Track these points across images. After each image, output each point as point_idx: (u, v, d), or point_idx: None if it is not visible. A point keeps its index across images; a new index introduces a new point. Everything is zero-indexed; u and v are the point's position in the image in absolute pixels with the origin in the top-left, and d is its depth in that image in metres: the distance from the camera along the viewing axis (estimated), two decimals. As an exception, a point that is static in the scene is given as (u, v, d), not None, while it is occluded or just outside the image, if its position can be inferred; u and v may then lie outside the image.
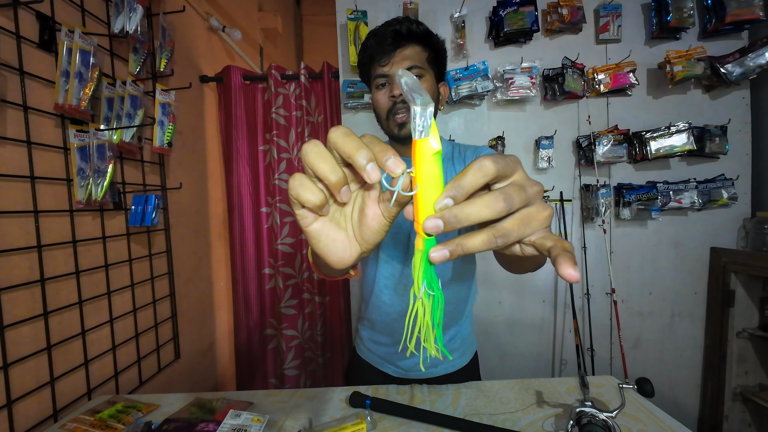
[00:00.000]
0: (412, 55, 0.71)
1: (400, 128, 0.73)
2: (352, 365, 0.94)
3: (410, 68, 0.70)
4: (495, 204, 0.21)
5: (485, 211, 0.21)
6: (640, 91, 1.45)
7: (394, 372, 0.85)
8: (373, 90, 0.75)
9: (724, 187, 1.41)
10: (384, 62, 0.71)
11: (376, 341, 0.87)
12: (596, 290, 1.48)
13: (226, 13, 1.70)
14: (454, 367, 0.84)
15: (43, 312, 0.74)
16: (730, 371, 1.38)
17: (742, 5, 1.30)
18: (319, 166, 0.24)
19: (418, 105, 0.21)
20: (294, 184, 0.25)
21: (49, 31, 0.77)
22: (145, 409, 0.72)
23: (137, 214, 0.98)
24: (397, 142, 0.78)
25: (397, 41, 0.69)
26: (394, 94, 0.70)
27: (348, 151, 0.23)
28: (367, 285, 0.87)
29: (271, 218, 1.52)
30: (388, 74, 0.71)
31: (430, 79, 0.74)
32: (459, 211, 0.21)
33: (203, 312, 1.41)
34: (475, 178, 0.22)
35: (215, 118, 1.54)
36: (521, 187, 0.23)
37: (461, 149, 0.81)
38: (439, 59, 0.76)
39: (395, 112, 0.72)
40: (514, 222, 0.23)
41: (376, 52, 0.71)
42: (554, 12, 1.39)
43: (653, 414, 0.65)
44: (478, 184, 0.22)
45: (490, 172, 0.22)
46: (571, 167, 1.49)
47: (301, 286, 1.55)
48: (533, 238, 0.24)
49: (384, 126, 0.77)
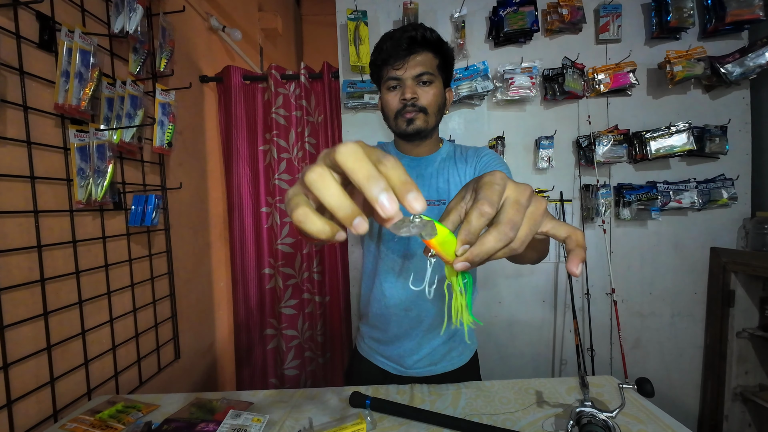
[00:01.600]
0: (424, 61, 0.74)
1: (408, 124, 0.76)
2: (352, 363, 0.94)
3: (422, 74, 0.73)
4: (505, 235, 0.25)
5: (499, 243, 0.25)
6: (640, 91, 1.45)
7: (395, 370, 0.86)
8: (384, 91, 0.78)
9: (724, 187, 1.41)
10: (398, 66, 0.73)
11: (376, 338, 0.87)
12: (596, 290, 1.48)
13: (226, 13, 1.70)
14: (454, 366, 0.85)
15: (43, 312, 0.74)
16: (730, 371, 1.38)
17: (742, 5, 1.30)
18: (326, 199, 0.22)
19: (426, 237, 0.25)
20: (299, 216, 0.22)
21: (49, 31, 0.77)
22: (145, 409, 0.72)
23: (137, 214, 0.98)
24: (405, 139, 0.80)
25: (411, 47, 0.72)
26: (406, 97, 0.73)
27: (359, 180, 0.21)
28: (367, 278, 0.88)
29: (271, 218, 1.52)
30: (401, 78, 0.74)
31: (439, 85, 0.77)
32: (478, 251, 0.25)
33: (203, 312, 1.41)
34: (480, 224, 0.25)
35: (215, 118, 1.54)
36: (517, 203, 0.26)
37: (462, 150, 0.84)
38: (448, 66, 0.79)
39: (404, 113, 0.75)
40: (524, 229, 0.27)
41: (390, 56, 0.73)
42: (554, 12, 1.39)
43: (653, 414, 0.65)
44: (483, 226, 0.26)
45: (490, 213, 0.26)
46: (571, 167, 1.49)
47: (301, 286, 1.55)
48: (543, 230, 0.28)
49: (392, 125, 0.79)
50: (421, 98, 0.74)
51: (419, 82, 0.74)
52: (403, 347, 0.83)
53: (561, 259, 1.48)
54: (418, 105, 0.74)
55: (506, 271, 1.52)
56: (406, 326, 0.82)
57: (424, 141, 0.81)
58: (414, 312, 0.81)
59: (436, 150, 0.84)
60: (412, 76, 0.73)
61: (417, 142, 0.81)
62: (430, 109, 0.76)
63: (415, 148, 0.82)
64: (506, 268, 1.52)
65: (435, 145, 0.84)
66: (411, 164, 0.83)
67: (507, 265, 1.51)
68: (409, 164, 0.83)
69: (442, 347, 0.84)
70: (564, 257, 1.44)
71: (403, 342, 0.83)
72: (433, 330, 0.82)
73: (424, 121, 0.76)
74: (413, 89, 0.74)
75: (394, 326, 0.83)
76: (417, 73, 0.73)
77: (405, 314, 0.82)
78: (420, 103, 0.74)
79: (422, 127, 0.76)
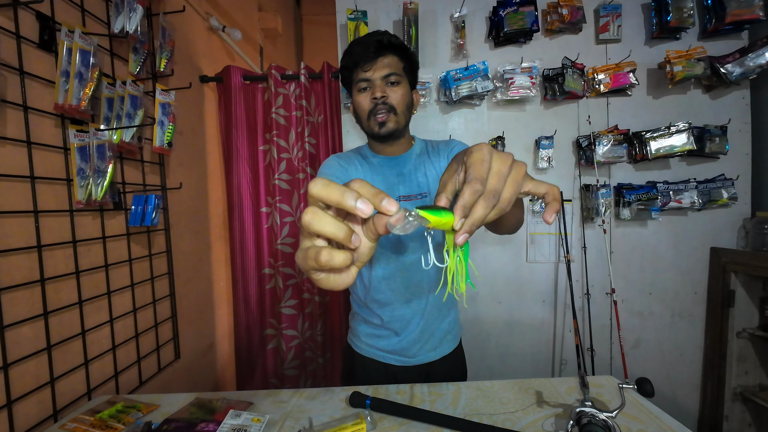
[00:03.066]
0: (391, 63, 0.79)
1: (381, 126, 0.80)
2: (351, 364, 0.94)
3: (389, 75, 0.78)
4: (490, 202, 0.29)
5: (487, 210, 0.29)
6: (640, 91, 1.45)
7: (398, 361, 0.87)
8: (355, 93, 0.82)
9: (724, 187, 1.41)
10: (367, 68, 0.78)
11: (378, 335, 0.89)
12: (596, 290, 1.48)
13: (226, 13, 1.70)
14: (450, 349, 0.91)
15: (43, 312, 0.74)
16: (730, 371, 1.38)
17: (742, 5, 1.30)
18: (325, 229, 0.26)
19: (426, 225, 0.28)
20: (325, 258, 0.25)
21: (49, 31, 0.77)
22: (145, 409, 0.72)
23: (137, 214, 0.98)
24: (378, 140, 0.84)
25: (378, 50, 0.77)
26: (376, 96, 0.78)
27: (335, 199, 0.25)
28: (363, 284, 0.88)
29: (271, 218, 1.52)
30: (371, 79, 0.78)
31: (406, 85, 0.82)
32: (472, 221, 0.29)
33: (203, 312, 1.41)
34: (474, 199, 0.29)
35: (215, 118, 1.54)
36: (499, 173, 0.30)
37: (433, 144, 0.90)
38: (413, 69, 0.84)
39: (376, 113, 0.79)
40: (507, 191, 0.30)
41: (360, 59, 0.78)
42: (554, 12, 1.39)
43: (653, 414, 0.65)
44: (476, 200, 0.29)
45: (481, 190, 0.29)
46: (571, 167, 1.49)
47: (301, 286, 1.55)
48: (525, 189, 0.32)
49: (365, 126, 0.83)
50: (390, 97, 0.79)
51: (387, 82, 0.79)
52: (408, 340, 0.86)
53: (561, 259, 1.48)
54: (388, 103, 0.79)
55: (506, 271, 1.52)
56: (407, 295, 0.85)
57: (398, 140, 0.86)
58: (414, 279, 0.84)
59: (410, 148, 0.89)
60: (381, 77, 0.78)
61: (390, 141, 0.85)
62: (399, 108, 0.80)
63: (389, 147, 0.87)
64: (506, 268, 1.52)
65: (408, 144, 0.89)
66: (390, 163, 0.87)
67: (507, 264, 1.52)
68: (387, 163, 0.87)
69: (442, 329, 0.88)
70: (564, 257, 1.44)
71: (408, 327, 0.86)
72: (432, 299, 0.85)
73: (395, 122, 0.80)
74: (383, 88, 0.78)
75: (395, 324, 0.85)
76: (385, 73, 0.78)
77: (404, 312, 0.84)
78: (389, 102, 0.79)
79: (394, 128, 0.81)
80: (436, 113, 1.49)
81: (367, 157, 0.89)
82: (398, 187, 0.84)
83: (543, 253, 1.50)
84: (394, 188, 0.84)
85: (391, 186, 0.84)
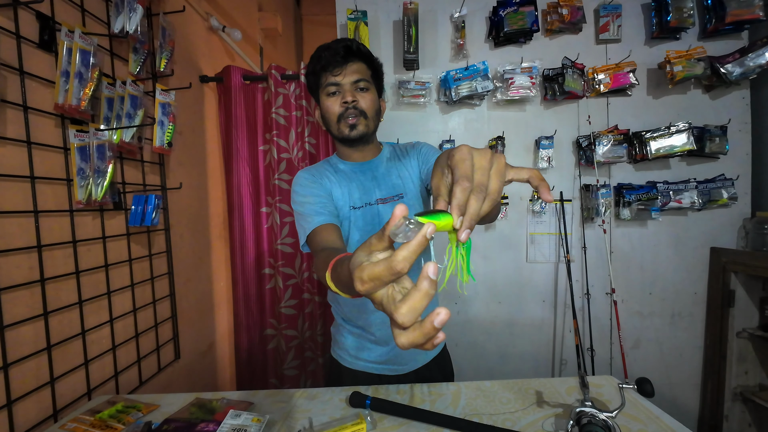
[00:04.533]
0: (360, 69, 0.80)
1: (351, 129, 0.80)
2: (339, 380, 0.90)
3: (359, 80, 0.79)
4: (480, 195, 0.31)
5: (479, 203, 0.31)
6: (640, 91, 1.45)
7: (391, 371, 0.87)
8: (323, 97, 0.81)
9: (724, 187, 1.41)
10: (337, 72, 0.78)
11: (368, 348, 0.87)
12: (596, 290, 1.49)
13: (226, 13, 1.70)
14: (438, 349, 0.92)
15: (43, 312, 0.74)
16: (730, 371, 1.38)
17: (742, 5, 1.30)
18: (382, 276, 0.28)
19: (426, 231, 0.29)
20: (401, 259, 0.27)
21: (49, 31, 0.77)
22: (145, 409, 0.72)
23: (137, 214, 0.98)
24: (348, 143, 0.84)
25: (347, 56, 0.78)
26: (347, 100, 0.78)
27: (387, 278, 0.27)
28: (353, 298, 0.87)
29: (271, 218, 1.52)
30: (340, 83, 0.79)
31: (374, 92, 0.83)
32: (469, 216, 0.30)
33: (203, 312, 1.41)
34: (465, 196, 0.31)
35: (215, 118, 1.54)
36: (482, 168, 0.32)
37: (400, 147, 0.92)
38: (379, 77, 0.85)
39: (347, 116, 0.79)
40: (493, 183, 0.32)
41: (329, 63, 0.78)
42: (554, 12, 1.40)
43: (653, 414, 0.65)
44: (468, 197, 0.31)
45: (470, 187, 0.31)
46: (571, 167, 1.49)
47: (301, 286, 1.55)
48: (509, 177, 0.34)
49: (334, 130, 0.82)
50: (360, 102, 0.79)
51: (357, 87, 0.79)
52: (399, 350, 0.84)
53: (561, 259, 1.48)
54: (358, 108, 0.79)
55: (506, 271, 1.52)
56: None
57: (368, 145, 0.87)
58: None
59: (379, 153, 0.90)
60: (351, 82, 0.79)
61: (360, 146, 0.85)
62: (369, 113, 0.81)
63: (359, 153, 0.87)
64: (507, 268, 1.52)
65: (377, 149, 0.90)
66: (362, 168, 0.87)
67: (507, 265, 1.52)
68: (360, 168, 0.87)
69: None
70: (564, 258, 1.44)
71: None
72: None
73: (365, 126, 0.81)
74: (353, 93, 0.79)
75: (386, 334, 0.84)
76: (355, 79, 0.79)
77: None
78: (360, 106, 0.79)
79: (364, 131, 0.81)
80: (436, 113, 1.49)
81: (337, 165, 0.88)
82: (375, 191, 0.83)
83: (543, 253, 1.50)
84: (370, 192, 0.83)
85: (367, 190, 0.83)
